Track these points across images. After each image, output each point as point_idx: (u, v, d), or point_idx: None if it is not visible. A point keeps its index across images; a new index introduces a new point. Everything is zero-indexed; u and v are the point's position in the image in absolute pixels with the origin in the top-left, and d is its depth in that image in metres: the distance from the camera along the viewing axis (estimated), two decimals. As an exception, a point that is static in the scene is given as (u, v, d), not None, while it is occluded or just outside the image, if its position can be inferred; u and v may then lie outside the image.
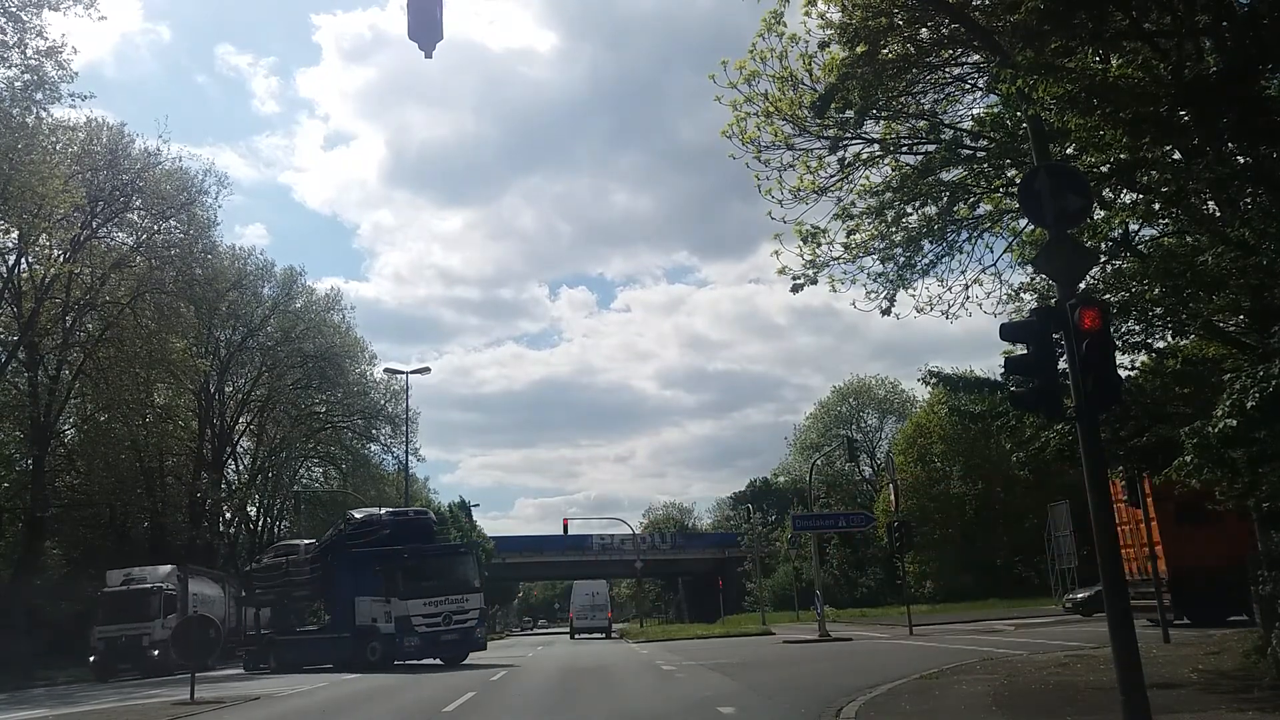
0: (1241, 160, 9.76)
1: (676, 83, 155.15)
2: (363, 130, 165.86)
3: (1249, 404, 7.73)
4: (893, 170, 13.39)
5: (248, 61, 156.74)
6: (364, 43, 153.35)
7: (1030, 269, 12.61)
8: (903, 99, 12.71)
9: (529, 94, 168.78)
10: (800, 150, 12.88)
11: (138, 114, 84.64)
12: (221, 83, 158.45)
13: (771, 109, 12.58)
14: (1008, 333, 8.90)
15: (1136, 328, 12.76)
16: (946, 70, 12.57)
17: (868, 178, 13.38)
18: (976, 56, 11.93)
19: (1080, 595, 30.24)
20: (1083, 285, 9.20)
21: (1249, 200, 9.94)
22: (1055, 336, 8.43)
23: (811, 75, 12.31)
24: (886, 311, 13.42)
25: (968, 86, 12.94)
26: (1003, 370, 10.53)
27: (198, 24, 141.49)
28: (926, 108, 13.12)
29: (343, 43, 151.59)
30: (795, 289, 13.29)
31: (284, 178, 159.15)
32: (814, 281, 13.33)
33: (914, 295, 13.67)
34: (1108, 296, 11.95)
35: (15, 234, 33.98)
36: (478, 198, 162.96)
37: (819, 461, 61.53)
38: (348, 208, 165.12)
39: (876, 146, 13.21)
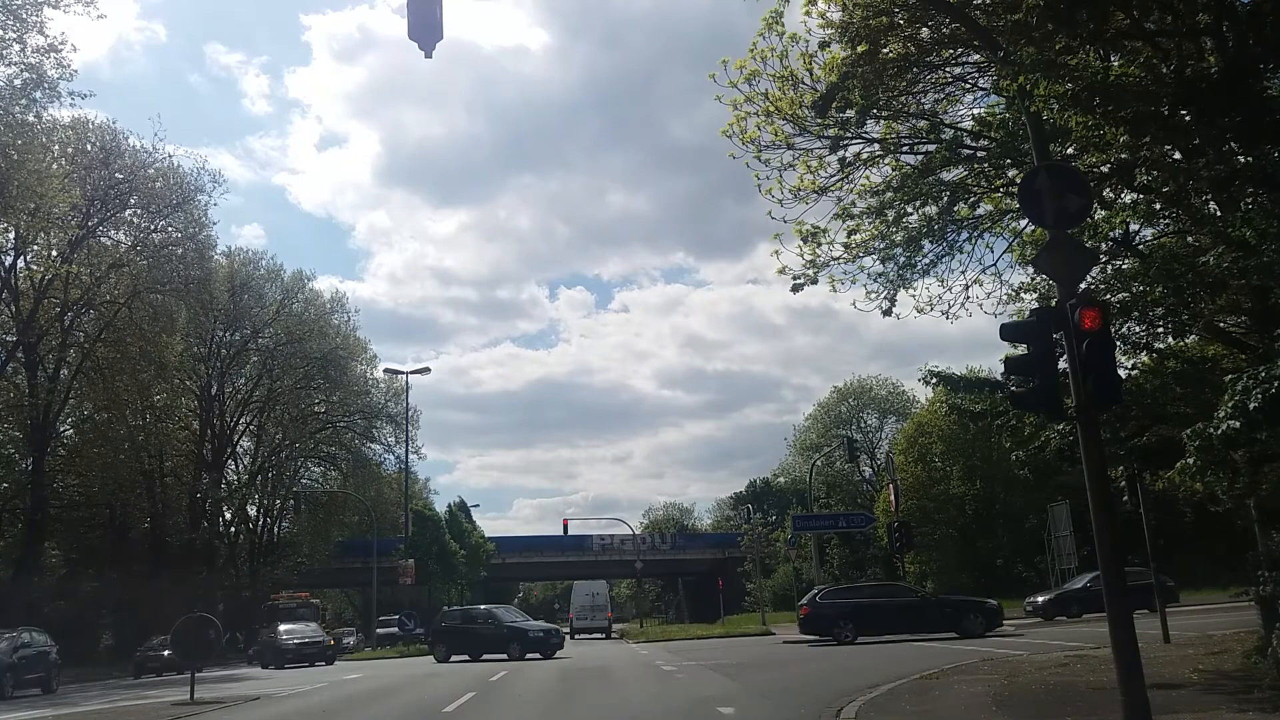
0: (1242, 160, 9.75)
1: (671, 82, 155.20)
2: (356, 131, 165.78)
3: (1251, 405, 7.71)
4: (893, 170, 13.39)
5: (238, 60, 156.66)
6: (354, 43, 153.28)
7: (1030, 269, 12.61)
8: (903, 99, 12.71)
9: (523, 93, 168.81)
10: (801, 150, 12.89)
11: (133, 114, 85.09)
12: (213, 82, 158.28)
13: (772, 108, 12.57)
14: (1008, 333, 8.90)
15: (1137, 328, 12.76)
16: (947, 70, 12.57)
17: (868, 177, 13.40)
18: (977, 56, 11.94)
19: (1041, 599, 30.10)
20: (1083, 285, 9.17)
21: (1250, 200, 9.93)
22: (1055, 336, 8.43)
23: (812, 75, 12.31)
24: (887, 312, 13.42)
25: (968, 86, 12.94)
26: (1003, 370, 10.54)
27: (190, 22, 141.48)
28: (927, 107, 13.12)
29: (333, 43, 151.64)
30: (795, 289, 13.31)
31: (278, 179, 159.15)
32: (814, 281, 13.34)
33: (914, 295, 13.69)
34: (1108, 296, 11.96)
35: (13, 234, 34.02)
36: (473, 198, 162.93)
37: (819, 462, 61.49)
38: (343, 209, 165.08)
39: (877, 146, 13.21)
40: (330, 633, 39.31)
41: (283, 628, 34.25)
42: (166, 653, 29.71)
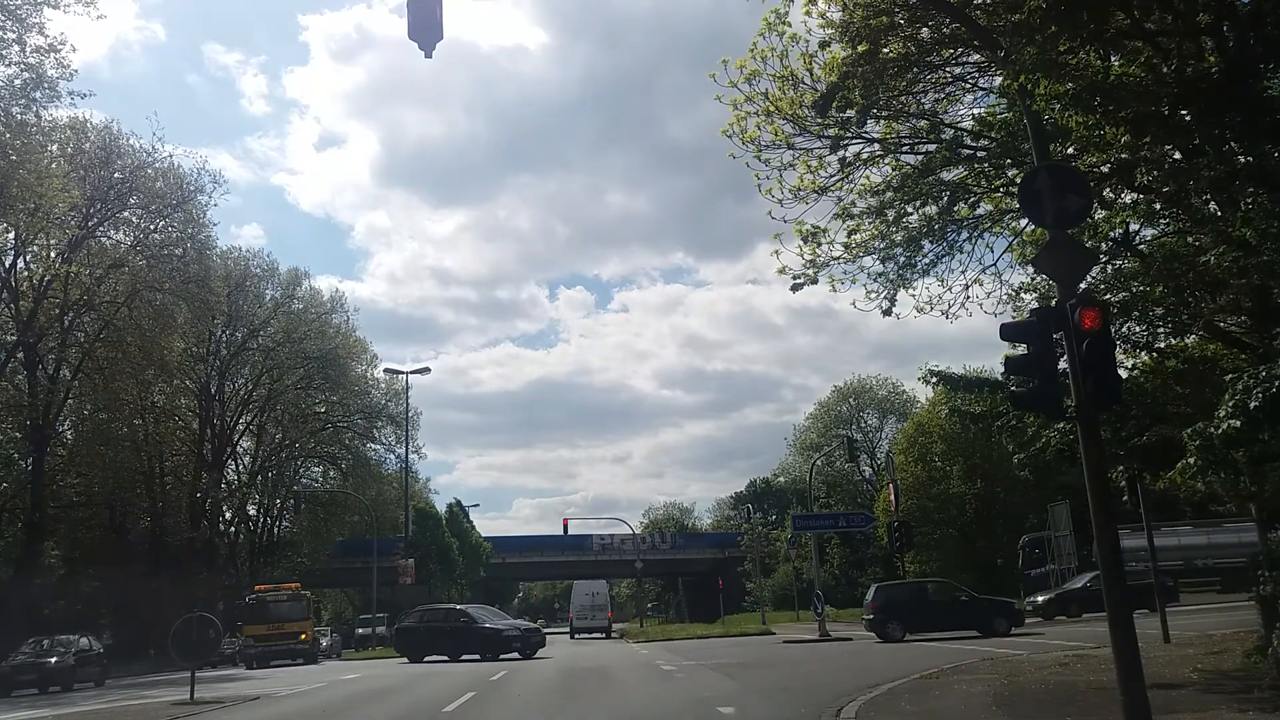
0: (1242, 160, 9.75)
1: (671, 82, 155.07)
2: (355, 131, 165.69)
3: (1252, 404, 7.71)
4: (893, 170, 13.39)
5: (236, 60, 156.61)
6: (352, 42, 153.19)
7: (1030, 269, 12.62)
8: (903, 99, 12.69)
9: (522, 93, 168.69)
10: (801, 150, 12.87)
11: (132, 114, 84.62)
12: (212, 82, 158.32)
13: (772, 108, 12.56)
14: (1008, 333, 8.90)
15: (1137, 328, 12.77)
16: (947, 70, 12.55)
17: (868, 177, 13.39)
18: (977, 56, 11.93)
19: (1041, 599, 30.17)
20: (1083, 285, 9.17)
21: (1250, 200, 9.93)
22: (1055, 336, 8.43)
23: (812, 74, 12.29)
24: (887, 312, 13.42)
25: (968, 86, 12.93)
26: (1003, 370, 10.53)
27: (189, 22, 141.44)
28: (927, 107, 13.11)
29: (331, 43, 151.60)
30: (795, 288, 13.31)
31: (277, 179, 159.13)
32: (814, 281, 13.33)
33: (914, 295, 13.69)
34: (1108, 296, 11.96)
35: (13, 234, 34.01)
36: (472, 198, 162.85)
37: (819, 462, 61.48)
38: (342, 209, 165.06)
39: (877, 146, 13.20)
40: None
41: (476, 611, 30.10)
42: (53, 659, 25.94)
